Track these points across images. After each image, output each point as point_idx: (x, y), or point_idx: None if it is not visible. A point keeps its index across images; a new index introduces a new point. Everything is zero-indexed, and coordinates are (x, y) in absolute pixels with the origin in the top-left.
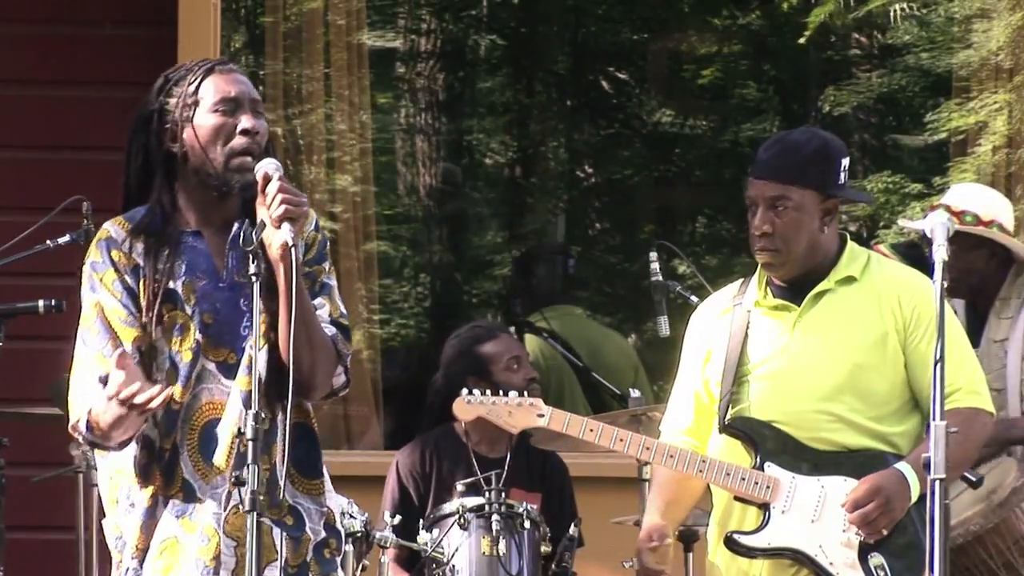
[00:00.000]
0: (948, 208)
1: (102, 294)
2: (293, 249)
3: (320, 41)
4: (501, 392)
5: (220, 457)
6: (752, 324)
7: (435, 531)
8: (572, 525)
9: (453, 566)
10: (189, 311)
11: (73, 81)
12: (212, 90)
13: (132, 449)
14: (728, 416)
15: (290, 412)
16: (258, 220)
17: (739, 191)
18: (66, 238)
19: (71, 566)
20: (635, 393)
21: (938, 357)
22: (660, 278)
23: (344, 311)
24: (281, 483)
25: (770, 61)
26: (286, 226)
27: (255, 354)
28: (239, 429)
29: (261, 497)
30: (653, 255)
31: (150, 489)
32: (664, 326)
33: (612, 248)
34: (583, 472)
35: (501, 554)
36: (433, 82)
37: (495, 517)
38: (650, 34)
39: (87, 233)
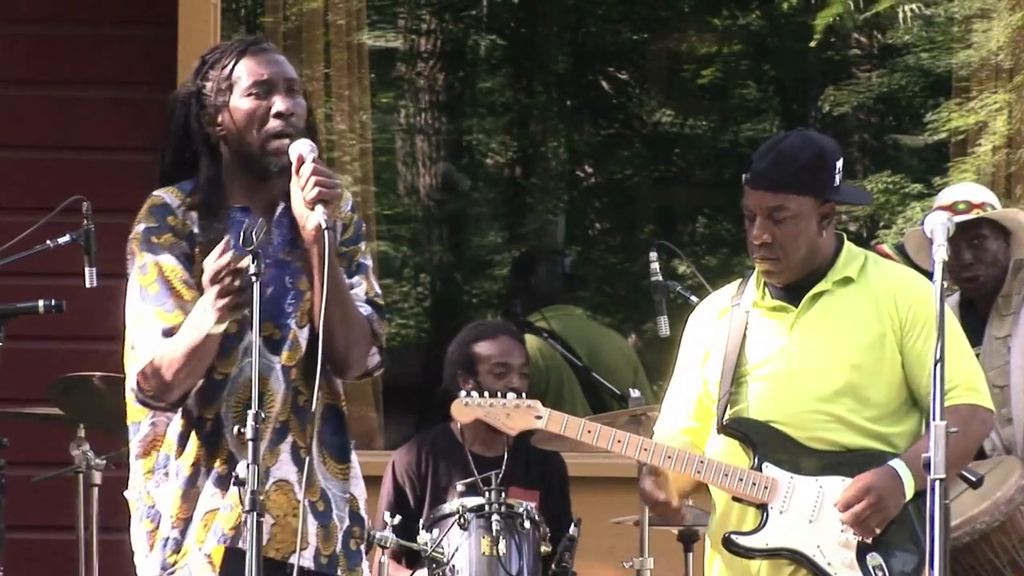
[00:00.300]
0: (969, 203)
1: (161, 255)
2: (327, 232)
3: (320, 41)
4: (499, 394)
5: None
6: (750, 324)
7: (435, 531)
8: (572, 525)
9: (453, 566)
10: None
11: (73, 81)
12: (245, 73)
13: (172, 419)
14: (726, 416)
15: (317, 392)
16: (259, 220)
17: (739, 191)
18: (66, 238)
19: (71, 566)
20: (635, 393)
21: (938, 357)
22: (660, 278)
23: (379, 291)
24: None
25: (770, 61)
26: (319, 208)
27: (255, 354)
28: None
29: (264, 491)
30: (653, 255)
31: (190, 459)
32: (664, 326)
33: (612, 248)
34: (583, 472)
35: (501, 554)
36: (433, 82)
37: (495, 517)
38: (650, 34)
39: (87, 233)
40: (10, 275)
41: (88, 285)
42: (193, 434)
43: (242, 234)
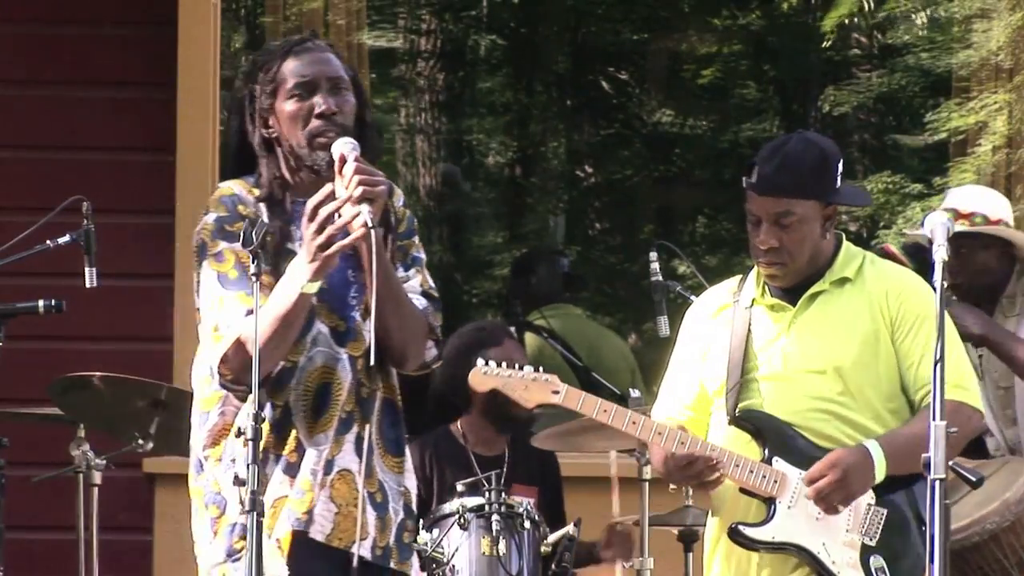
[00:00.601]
0: (956, 212)
1: (236, 243)
2: (372, 230)
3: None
4: (518, 366)
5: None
6: (753, 322)
7: (435, 531)
8: (572, 525)
9: (453, 566)
10: None
11: (73, 81)
12: (288, 74)
13: (241, 408)
14: (738, 409)
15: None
16: (259, 220)
17: (739, 191)
18: (66, 238)
19: (71, 566)
20: (635, 393)
21: (938, 357)
22: (660, 278)
23: (432, 284)
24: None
25: (770, 61)
26: (364, 206)
27: (255, 352)
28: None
29: (263, 497)
30: (653, 255)
31: (260, 446)
32: (664, 326)
33: (612, 248)
34: (583, 472)
35: (501, 554)
36: (433, 82)
37: (495, 517)
38: (650, 34)
39: (87, 233)
40: (10, 275)
41: (88, 285)
42: (265, 422)
43: (242, 234)
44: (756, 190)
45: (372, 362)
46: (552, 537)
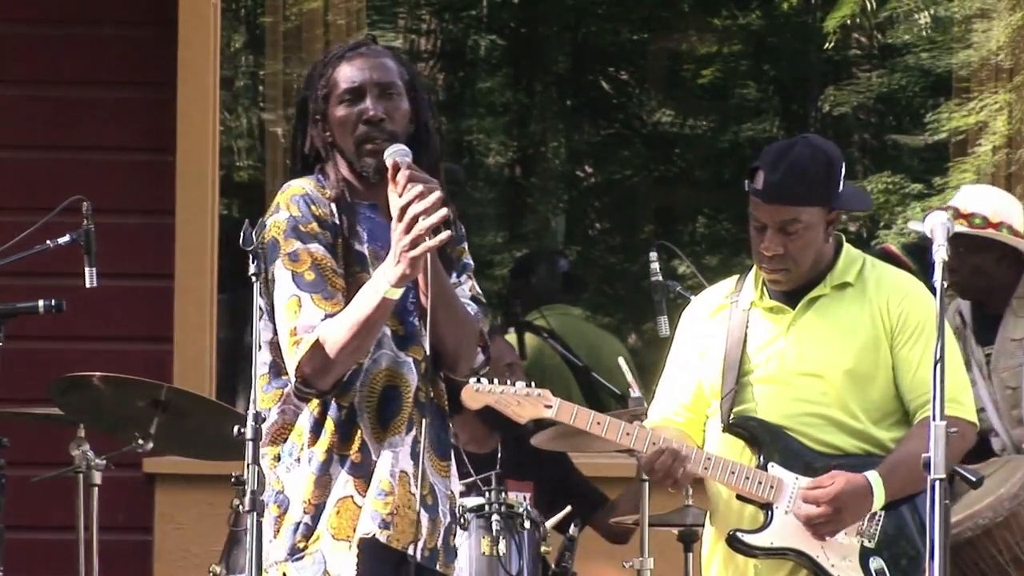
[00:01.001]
0: (957, 211)
1: (311, 243)
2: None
3: (320, 41)
4: (509, 382)
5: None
6: (750, 324)
7: None
8: (572, 525)
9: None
10: (372, 274)
11: (73, 81)
12: (339, 80)
13: (301, 408)
14: (732, 416)
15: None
16: (259, 221)
17: (739, 191)
18: (66, 238)
19: (71, 566)
20: (635, 393)
21: (938, 357)
22: (660, 278)
23: (479, 290)
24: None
25: (770, 61)
26: (444, 209)
27: (255, 354)
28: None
29: (263, 497)
30: (653, 255)
31: (324, 446)
32: (664, 326)
33: (612, 248)
34: (583, 472)
35: (501, 554)
36: (433, 82)
37: (495, 517)
38: (650, 34)
39: (87, 233)
40: (10, 275)
41: (88, 285)
42: (328, 422)
43: (242, 234)
44: (763, 197)
45: (426, 368)
46: (551, 522)
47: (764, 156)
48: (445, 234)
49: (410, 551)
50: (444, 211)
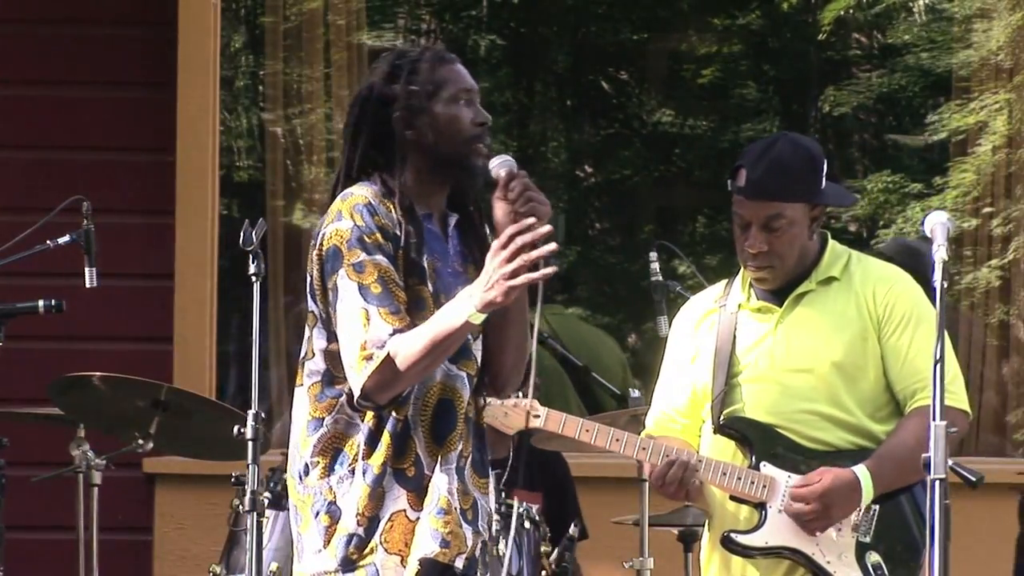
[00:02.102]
0: None
1: (375, 255)
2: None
3: (320, 41)
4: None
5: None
6: (738, 326)
7: None
8: (572, 525)
9: None
10: (430, 288)
11: (73, 81)
12: (451, 80)
13: (353, 418)
14: (722, 417)
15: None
16: (259, 221)
17: None
18: (66, 238)
19: (71, 566)
20: (635, 393)
21: (938, 357)
22: (660, 278)
23: None
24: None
25: (770, 61)
26: (551, 244)
27: (255, 353)
28: (467, 413)
29: (266, 495)
30: (653, 255)
31: (380, 459)
32: (664, 326)
33: (612, 248)
34: (583, 472)
35: (501, 554)
36: None
37: (495, 517)
38: (650, 34)
39: (87, 233)
40: (10, 275)
41: (88, 285)
42: (385, 435)
43: (242, 234)
44: (746, 194)
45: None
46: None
47: (746, 154)
48: (550, 270)
49: (457, 563)
50: (553, 245)
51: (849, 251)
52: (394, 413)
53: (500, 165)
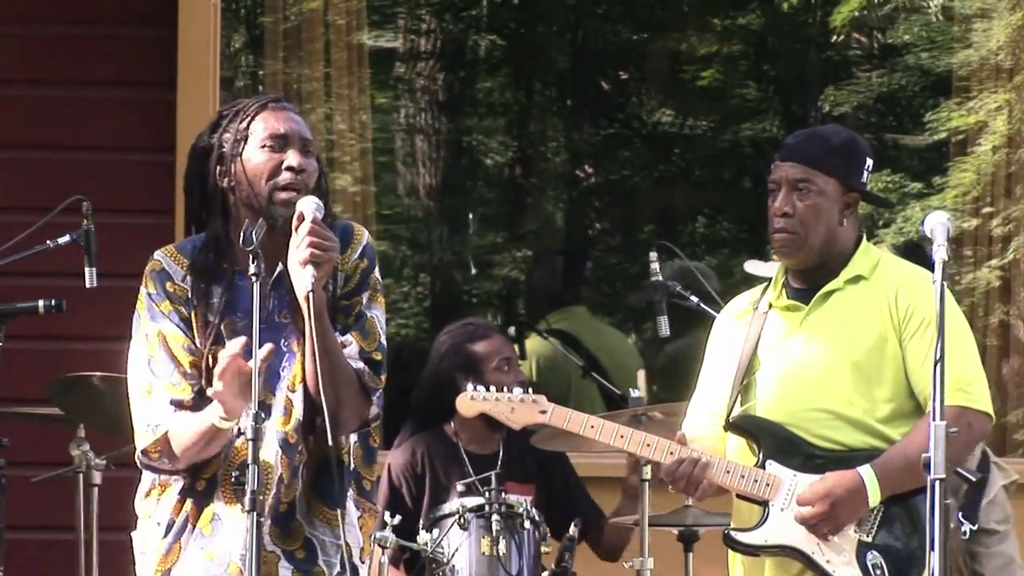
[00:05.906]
0: None
1: (163, 323)
2: (311, 296)
3: (320, 41)
4: (504, 388)
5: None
6: (765, 325)
7: (435, 531)
8: (572, 525)
9: (453, 566)
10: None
11: (73, 81)
12: (262, 126)
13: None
14: (733, 414)
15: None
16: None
17: (739, 191)
18: (66, 238)
19: (71, 566)
20: (635, 393)
21: (938, 357)
22: (660, 278)
23: (383, 342)
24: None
25: (770, 61)
26: (309, 269)
27: (255, 355)
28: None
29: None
30: (653, 255)
31: (182, 515)
32: (664, 326)
33: (612, 248)
34: (583, 472)
35: (501, 554)
36: (433, 82)
37: (495, 517)
38: (650, 34)
39: (87, 233)
40: (10, 275)
41: (88, 285)
42: (188, 491)
43: (242, 234)
44: (780, 157)
45: (326, 423)
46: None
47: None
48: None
49: None
50: (308, 272)
51: (882, 252)
52: (201, 474)
53: (303, 205)
